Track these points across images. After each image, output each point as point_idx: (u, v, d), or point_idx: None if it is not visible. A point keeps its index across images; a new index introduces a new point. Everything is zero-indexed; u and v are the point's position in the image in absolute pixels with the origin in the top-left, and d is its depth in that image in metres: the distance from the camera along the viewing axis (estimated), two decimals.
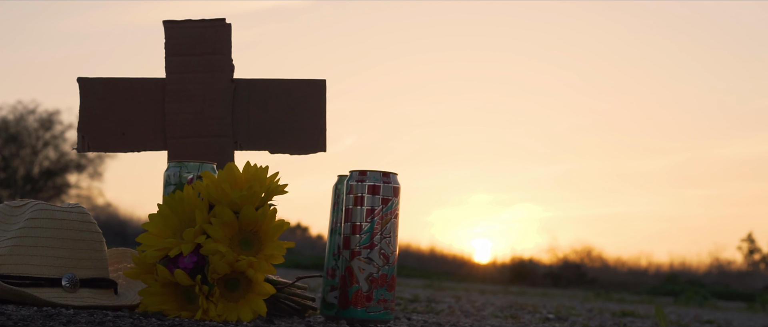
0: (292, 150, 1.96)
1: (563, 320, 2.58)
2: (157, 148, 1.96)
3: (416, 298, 3.40)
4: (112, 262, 1.73)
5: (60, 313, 1.37)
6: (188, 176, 1.62)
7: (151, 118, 1.95)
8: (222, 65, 1.95)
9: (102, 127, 1.95)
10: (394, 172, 1.62)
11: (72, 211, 1.56)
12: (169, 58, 1.96)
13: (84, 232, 1.55)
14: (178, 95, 1.94)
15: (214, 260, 1.42)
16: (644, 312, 3.90)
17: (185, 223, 1.48)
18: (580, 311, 3.46)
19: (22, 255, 1.49)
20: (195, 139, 1.94)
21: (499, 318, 2.45)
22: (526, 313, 2.87)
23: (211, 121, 1.94)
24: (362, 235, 1.58)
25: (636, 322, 2.73)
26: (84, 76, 1.96)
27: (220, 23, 1.96)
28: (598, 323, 2.51)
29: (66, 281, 1.50)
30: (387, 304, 1.59)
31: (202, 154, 1.92)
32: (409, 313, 2.32)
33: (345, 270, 1.59)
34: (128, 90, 1.96)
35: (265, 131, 1.96)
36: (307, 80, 1.98)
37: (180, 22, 1.97)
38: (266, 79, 1.99)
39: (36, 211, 1.53)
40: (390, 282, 1.59)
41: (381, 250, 1.58)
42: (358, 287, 1.57)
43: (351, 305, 1.58)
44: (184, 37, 1.96)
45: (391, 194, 1.60)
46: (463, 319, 2.20)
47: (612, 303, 6.00)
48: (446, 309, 2.75)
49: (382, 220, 1.59)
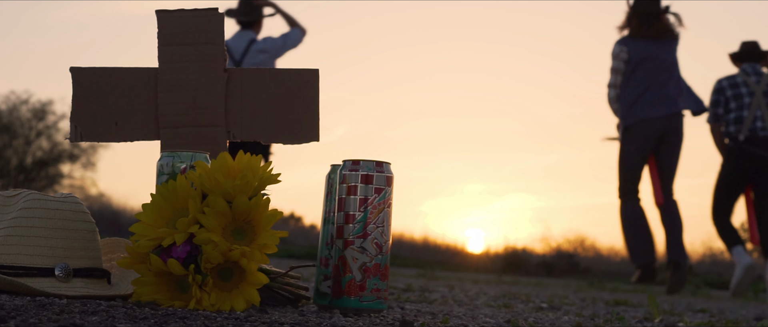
0: (285, 140, 1.95)
1: (556, 309, 2.59)
2: (150, 137, 1.95)
3: (409, 288, 3.41)
4: (106, 252, 1.73)
5: (53, 302, 1.37)
6: (181, 166, 1.62)
7: (143, 107, 1.95)
8: (215, 55, 1.95)
9: (95, 117, 1.95)
10: (387, 162, 1.62)
11: (65, 201, 1.56)
12: (162, 48, 1.95)
13: (77, 222, 1.55)
14: (171, 85, 1.94)
15: (207, 250, 1.42)
16: (637, 301, 3.91)
17: (178, 213, 1.48)
18: (573, 300, 3.46)
19: (15, 245, 1.49)
20: (188, 128, 1.94)
21: (492, 307, 2.45)
22: (519, 303, 2.88)
23: (204, 110, 1.94)
24: (355, 225, 1.58)
25: (629, 311, 2.73)
26: (77, 66, 1.95)
27: (213, 12, 1.96)
28: (591, 312, 2.52)
29: (59, 271, 1.50)
30: (380, 293, 1.59)
31: (195, 143, 1.92)
32: (402, 302, 2.32)
33: (338, 259, 1.59)
34: (121, 80, 1.95)
35: (258, 121, 1.95)
36: (300, 69, 1.98)
37: (173, 11, 1.96)
38: (259, 69, 1.98)
39: (29, 200, 1.53)
40: (383, 271, 1.59)
41: (374, 239, 1.58)
42: (351, 277, 1.57)
43: (344, 295, 1.58)
44: (177, 26, 1.95)
45: (384, 183, 1.60)
46: (456, 309, 2.20)
47: (605, 292, 6.02)
48: (439, 298, 2.75)
49: (375, 210, 1.59)
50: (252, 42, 5.18)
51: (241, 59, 5.12)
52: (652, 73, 4.75)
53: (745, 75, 4.96)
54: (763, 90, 4.89)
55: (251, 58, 5.09)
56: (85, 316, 1.24)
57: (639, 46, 4.78)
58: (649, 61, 4.75)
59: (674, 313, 2.79)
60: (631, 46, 4.78)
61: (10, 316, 1.17)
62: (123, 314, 1.28)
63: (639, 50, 4.77)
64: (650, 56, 4.75)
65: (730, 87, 4.96)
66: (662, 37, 4.76)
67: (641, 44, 4.78)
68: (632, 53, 4.76)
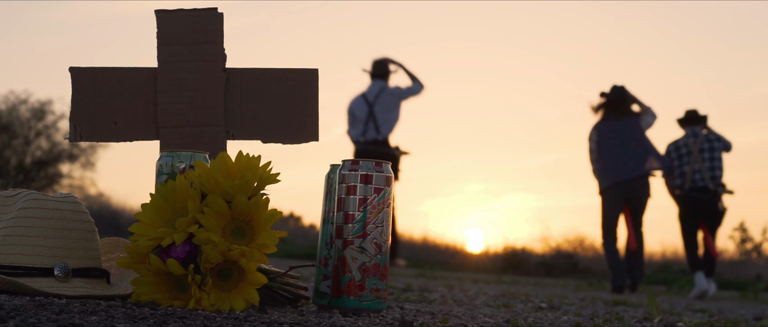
0: (284, 139, 1.95)
1: (556, 309, 2.59)
2: (150, 137, 1.95)
3: (409, 288, 3.41)
4: (105, 252, 1.73)
5: (52, 302, 1.37)
6: (180, 166, 1.62)
7: (143, 107, 1.95)
8: (214, 54, 1.95)
9: (94, 117, 1.95)
10: (386, 162, 1.62)
11: (64, 200, 1.56)
12: (161, 48, 1.95)
13: (76, 222, 1.55)
14: (170, 85, 1.94)
15: (207, 249, 1.42)
16: (637, 301, 3.91)
17: (178, 213, 1.48)
18: (572, 300, 3.47)
19: (15, 245, 1.49)
20: (187, 128, 1.94)
21: (492, 307, 2.45)
22: (518, 302, 2.88)
23: (203, 110, 1.94)
24: (355, 225, 1.58)
25: (628, 311, 2.73)
26: (76, 66, 1.95)
27: (213, 12, 1.96)
28: (590, 312, 2.52)
29: (58, 271, 1.50)
30: (379, 293, 1.59)
31: (195, 143, 1.92)
32: (401, 302, 2.32)
33: (337, 259, 1.59)
34: (120, 80, 1.95)
35: (257, 121, 1.95)
36: (300, 69, 1.98)
37: (172, 11, 1.96)
38: (259, 69, 1.98)
39: (28, 200, 1.53)
40: (382, 271, 1.59)
41: (373, 239, 1.58)
42: (350, 276, 1.57)
43: (344, 294, 1.58)
44: (177, 26, 1.95)
45: (383, 183, 1.60)
46: (455, 308, 2.20)
47: (604, 292, 6.02)
48: (439, 298, 2.75)
49: (374, 210, 1.59)
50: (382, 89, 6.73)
51: (374, 101, 6.68)
52: (617, 147, 6.07)
53: (686, 138, 6.35)
54: (699, 147, 6.28)
55: (381, 99, 6.67)
56: (85, 315, 1.24)
57: (607, 128, 6.12)
58: (615, 138, 6.07)
59: (673, 313, 2.79)
60: (600, 130, 6.13)
61: (10, 315, 1.17)
62: (122, 314, 1.28)
63: (607, 131, 6.11)
64: (616, 134, 6.08)
65: (675, 150, 6.38)
66: (623, 118, 6.10)
67: (609, 126, 6.12)
68: (601, 135, 6.11)
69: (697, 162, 6.23)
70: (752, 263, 19.83)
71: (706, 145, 6.26)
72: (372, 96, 6.65)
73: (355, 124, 6.80)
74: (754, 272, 16.10)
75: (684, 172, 6.27)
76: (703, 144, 6.26)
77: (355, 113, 6.78)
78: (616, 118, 6.08)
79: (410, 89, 6.77)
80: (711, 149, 6.25)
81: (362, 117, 6.72)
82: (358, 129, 6.75)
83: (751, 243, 21.65)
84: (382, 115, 6.71)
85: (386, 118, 6.72)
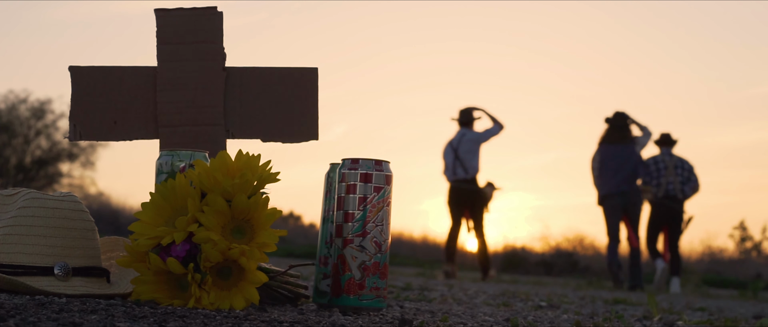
0: (284, 138, 1.95)
1: (555, 308, 2.59)
2: (149, 136, 1.95)
3: (409, 286, 3.41)
4: (105, 251, 1.73)
5: (52, 301, 1.37)
6: (180, 165, 1.62)
7: (142, 106, 1.95)
8: (214, 53, 1.95)
9: (94, 116, 1.95)
10: (386, 160, 1.62)
11: (64, 199, 1.56)
12: (161, 47, 1.95)
13: (76, 221, 1.55)
14: (169, 84, 1.94)
15: (207, 248, 1.42)
16: (636, 300, 3.91)
17: (177, 212, 1.48)
18: (572, 299, 3.47)
19: (15, 244, 1.49)
20: (187, 127, 1.94)
21: (492, 306, 2.46)
22: (518, 301, 2.88)
23: (203, 109, 1.94)
24: (355, 223, 1.58)
25: (628, 310, 2.73)
26: (76, 65, 1.95)
27: (212, 11, 1.96)
28: (590, 311, 2.52)
29: (58, 270, 1.50)
30: (379, 292, 1.59)
31: (194, 142, 1.92)
32: (401, 301, 2.32)
33: (337, 258, 1.59)
34: (120, 79, 1.95)
35: (257, 120, 1.95)
36: (299, 68, 1.98)
37: (172, 10, 1.96)
38: (258, 68, 1.98)
39: (28, 199, 1.53)
40: (382, 270, 1.59)
41: (373, 238, 1.58)
42: (350, 275, 1.57)
43: (343, 293, 1.58)
44: (176, 25, 1.95)
45: (383, 182, 1.60)
46: (455, 307, 2.20)
47: (604, 291, 6.02)
48: (439, 297, 2.75)
49: (374, 208, 1.59)
50: (463, 135, 7.70)
51: (457, 146, 7.68)
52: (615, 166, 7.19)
53: (662, 156, 7.81)
54: (674, 164, 7.72)
55: (464, 146, 7.66)
56: (85, 314, 1.24)
57: (608, 150, 7.25)
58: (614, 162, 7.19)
59: (673, 312, 2.79)
60: (602, 152, 7.28)
61: (10, 314, 1.18)
62: (122, 313, 1.28)
63: (608, 153, 7.24)
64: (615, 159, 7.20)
65: (653, 163, 7.78)
66: (622, 142, 7.24)
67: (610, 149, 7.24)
68: (603, 156, 7.26)
69: (672, 175, 7.71)
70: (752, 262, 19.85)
71: (679, 163, 7.74)
72: (456, 142, 7.76)
73: (446, 167, 7.83)
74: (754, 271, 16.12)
75: (660, 182, 7.70)
76: (677, 162, 7.75)
77: (445, 159, 7.84)
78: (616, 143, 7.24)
79: (489, 131, 7.74)
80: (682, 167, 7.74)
81: (450, 162, 7.76)
82: (449, 171, 7.79)
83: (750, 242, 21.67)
84: (466, 157, 7.70)
85: (469, 159, 7.72)
